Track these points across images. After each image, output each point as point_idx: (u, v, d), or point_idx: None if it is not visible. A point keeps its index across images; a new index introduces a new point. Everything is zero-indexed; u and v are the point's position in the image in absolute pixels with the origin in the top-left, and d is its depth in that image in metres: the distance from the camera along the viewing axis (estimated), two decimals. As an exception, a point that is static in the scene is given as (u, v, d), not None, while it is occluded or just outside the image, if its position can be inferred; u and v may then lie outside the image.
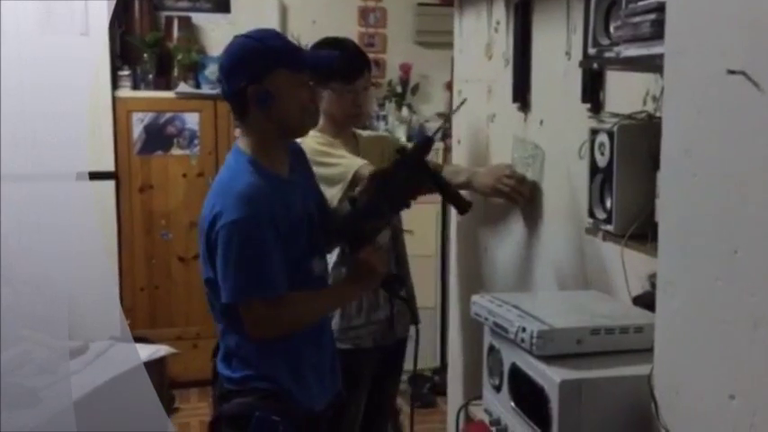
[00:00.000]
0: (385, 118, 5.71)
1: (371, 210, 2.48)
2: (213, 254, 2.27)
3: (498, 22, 3.20)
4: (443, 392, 4.49)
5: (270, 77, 2.29)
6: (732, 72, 1.45)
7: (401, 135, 5.66)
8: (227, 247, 2.23)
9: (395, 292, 2.68)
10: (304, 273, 2.38)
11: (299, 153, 2.56)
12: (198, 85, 5.32)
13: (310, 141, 2.76)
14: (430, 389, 5.24)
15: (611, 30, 2.08)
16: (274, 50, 2.33)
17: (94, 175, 5.05)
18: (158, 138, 5.22)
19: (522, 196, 2.94)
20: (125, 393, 3.45)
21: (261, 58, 2.30)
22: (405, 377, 4.98)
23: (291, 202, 2.36)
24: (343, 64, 2.72)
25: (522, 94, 3.01)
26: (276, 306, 2.27)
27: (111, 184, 5.13)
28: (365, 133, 3.26)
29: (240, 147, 2.39)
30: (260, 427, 2.28)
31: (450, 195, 2.59)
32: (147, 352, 3.82)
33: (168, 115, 5.22)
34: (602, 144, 2.15)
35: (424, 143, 2.50)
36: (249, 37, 2.36)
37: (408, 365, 3.44)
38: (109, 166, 5.11)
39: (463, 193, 2.76)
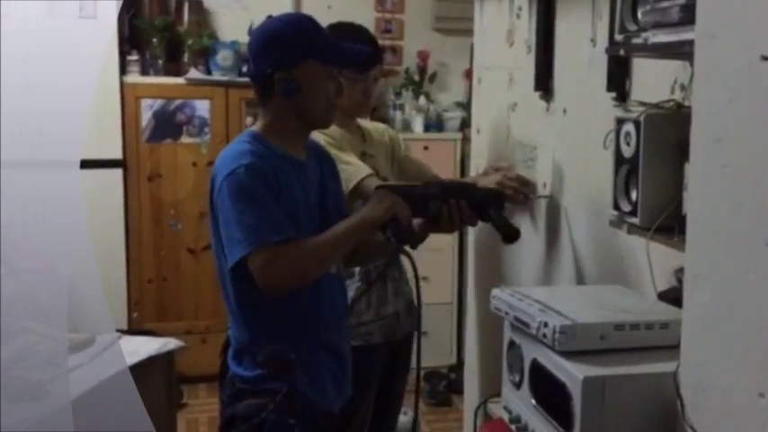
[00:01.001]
0: (401, 107, 5.71)
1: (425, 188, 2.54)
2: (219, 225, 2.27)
3: (520, 8, 3.19)
4: (459, 390, 4.50)
5: (299, 67, 2.29)
6: (766, 58, 1.44)
7: (418, 125, 5.66)
8: (227, 202, 2.21)
9: (394, 234, 2.36)
10: None
11: (327, 158, 2.58)
12: (209, 72, 5.32)
13: (318, 139, 2.76)
14: (446, 387, 5.25)
15: (639, 15, 2.07)
16: (308, 40, 2.31)
17: (101, 164, 5.07)
18: (168, 125, 5.23)
19: (526, 198, 3.01)
20: (132, 387, 3.46)
21: (292, 46, 2.29)
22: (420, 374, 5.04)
23: (299, 181, 2.34)
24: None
25: (544, 82, 3.01)
26: (285, 249, 2.19)
27: (118, 172, 5.15)
28: (371, 126, 3.26)
29: (251, 128, 2.40)
30: (274, 430, 2.28)
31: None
32: (155, 345, 3.81)
33: (178, 102, 5.24)
34: (628, 134, 2.15)
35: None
36: (283, 21, 2.35)
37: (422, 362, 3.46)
38: (116, 153, 5.13)
39: None
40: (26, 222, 4.75)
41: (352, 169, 2.86)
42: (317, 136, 2.72)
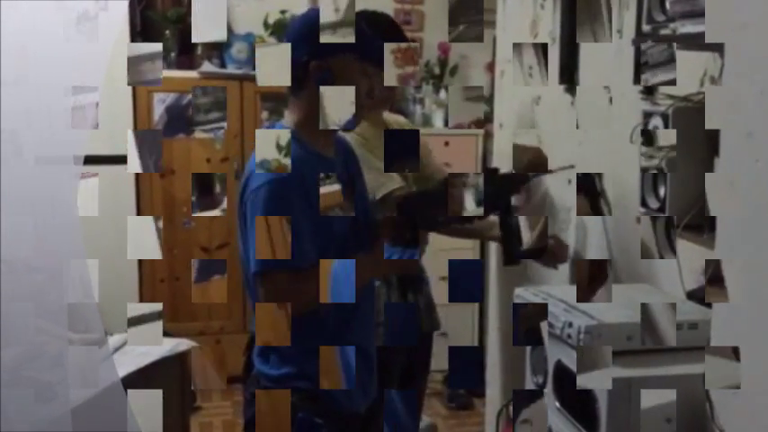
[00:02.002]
0: (422, 101, 5.70)
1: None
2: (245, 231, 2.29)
3: (545, -2, 3.19)
4: (481, 394, 4.49)
5: (336, 59, 2.30)
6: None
7: (438, 119, 5.66)
8: (249, 215, 2.23)
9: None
10: None
11: (353, 157, 2.58)
12: (223, 65, 5.34)
13: (350, 137, 2.75)
14: (466, 390, 5.24)
15: (668, 5, 2.07)
16: None
17: (112, 159, 5.07)
18: (181, 120, 5.23)
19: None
20: (143, 389, 3.47)
21: None
22: (440, 377, 5.05)
23: None
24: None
25: (569, 74, 3.00)
26: (296, 280, 2.21)
27: (130, 168, 5.15)
28: (393, 120, 3.26)
29: (282, 122, 2.41)
30: (302, 430, 2.30)
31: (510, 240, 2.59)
32: (167, 346, 3.83)
33: (191, 96, 5.23)
34: (656, 128, 2.14)
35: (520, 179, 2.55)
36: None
37: (438, 365, 3.48)
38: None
39: None
40: (37, 218, 4.76)
41: (384, 178, 2.86)
42: (349, 134, 2.72)
